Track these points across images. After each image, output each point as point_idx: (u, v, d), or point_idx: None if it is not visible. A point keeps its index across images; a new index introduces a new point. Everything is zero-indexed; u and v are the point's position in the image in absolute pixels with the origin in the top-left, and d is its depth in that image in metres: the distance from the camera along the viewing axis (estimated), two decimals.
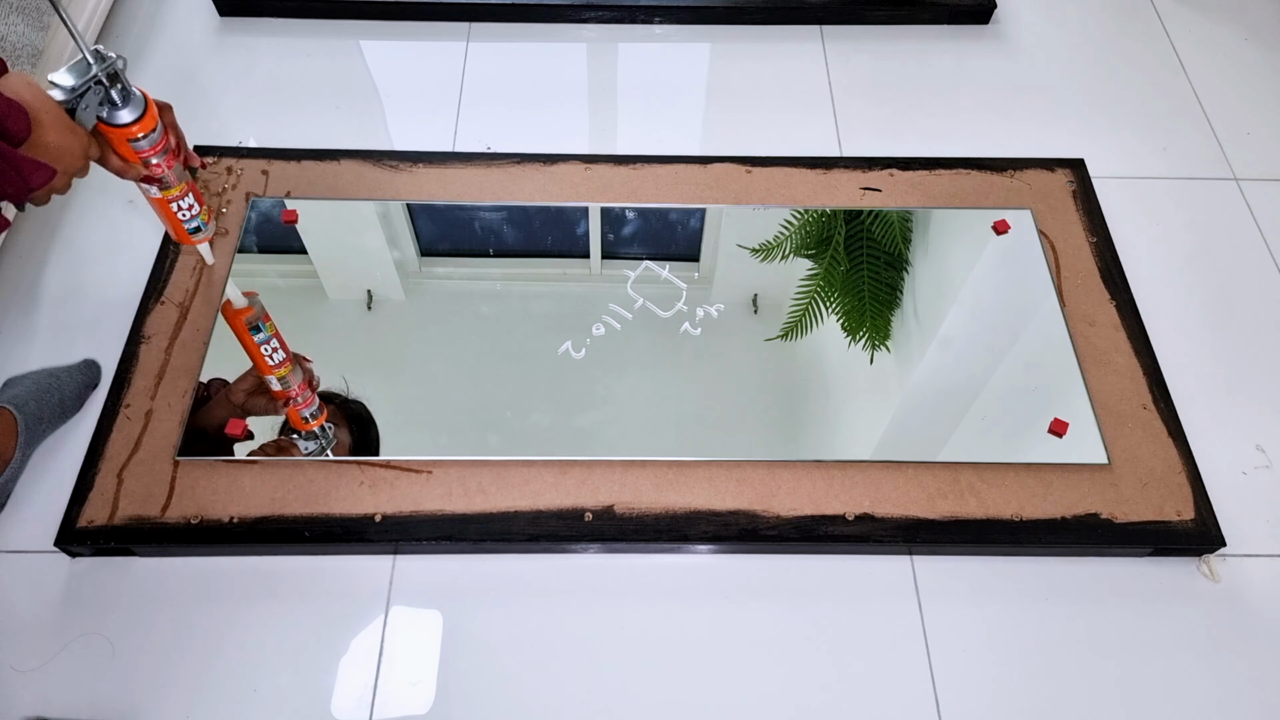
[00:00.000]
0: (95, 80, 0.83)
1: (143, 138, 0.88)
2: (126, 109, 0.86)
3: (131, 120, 0.87)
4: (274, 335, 1.07)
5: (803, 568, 1.08)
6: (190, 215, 1.01)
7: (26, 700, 0.96)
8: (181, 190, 0.98)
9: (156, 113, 0.89)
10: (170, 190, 0.96)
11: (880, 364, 1.21)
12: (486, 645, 1.02)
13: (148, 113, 0.88)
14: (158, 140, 0.90)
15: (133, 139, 0.88)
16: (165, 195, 0.97)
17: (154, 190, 0.96)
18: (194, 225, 1.02)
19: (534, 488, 1.08)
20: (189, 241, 1.04)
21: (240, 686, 0.99)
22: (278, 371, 1.07)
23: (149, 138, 0.89)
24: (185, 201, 0.99)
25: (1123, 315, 1.24)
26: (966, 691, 1.01)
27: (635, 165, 1.37)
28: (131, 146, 0.89)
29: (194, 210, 1.01)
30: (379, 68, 1.55)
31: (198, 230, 1.02)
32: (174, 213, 0.99)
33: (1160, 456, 1.12)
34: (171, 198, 0.97)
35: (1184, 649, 1.04)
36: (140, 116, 0.87)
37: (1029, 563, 1.09)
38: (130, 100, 0.87)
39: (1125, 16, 1.68)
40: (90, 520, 1.04)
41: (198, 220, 1.02)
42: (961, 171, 1.39)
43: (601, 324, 1.22)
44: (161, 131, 0.91)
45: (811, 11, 1.62)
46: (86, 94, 0.83)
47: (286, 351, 1.07)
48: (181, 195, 0.98)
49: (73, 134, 0.82)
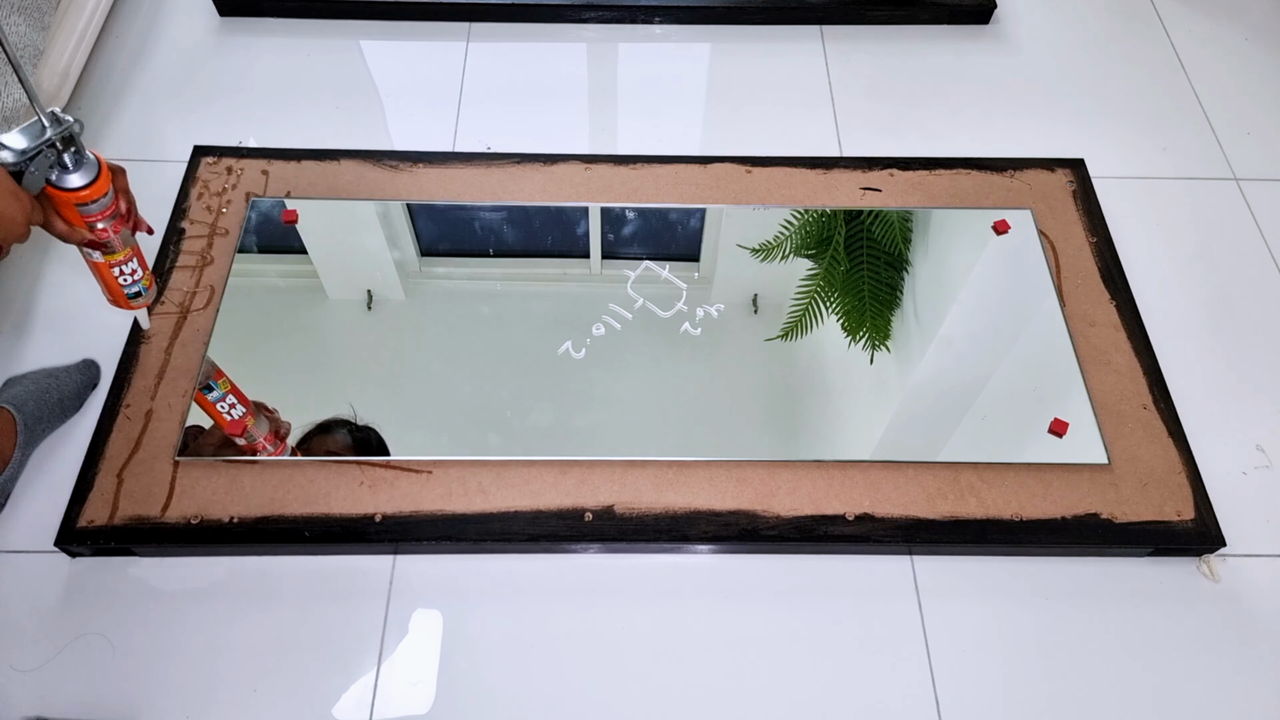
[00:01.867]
0: (48, 144, 0.79)
1: (92, 203, 0.84)
2: (78, 173, 0.82)
3: (82, 185, 0.83)
4: (229, 391, 1.07)
5: (803, 568, 1.08)
6: (132, 280, 0.95)
7: (26, 700, 0.96)
8: (125, 255, 0.92)
9: (110, 176, 0.85)
10: (114, 255, 0.91)
11: (880, 364, 1.21)
12: (486, 645, 1.02)
13: (100, 177, 0.84)
14: (107, 205, 0.86)
15: (81, 204, 0.84)
16: (108, 260, 0.92)
17: (96, 254, 0.91)
18: (134, 290, 0.96)
19: (534, 488, 1.08)
20: (127, 306, 0.98)
21: (240, 686, 0.99)
22: (239, 427, 1.07)
23: (99, 203, 0.85)
24: (128, 266, 0.94)
25: (1123, 315, 1.24)
26: (966, 691, 1.01)
27: (635, 165, 1.37)
28: (79, 211, 0.84)
29: (136, 275, 0.95)
30: (379, 68, 1.55)
31: (137, 295, 0.97)
32: (114, 277, 0.94)
33: (1160, 456, 1.12)
34: (114, 262, 0.92)
35: (1184, 649, 1.04)
36: (92, 181, 0.83)
37: (1029, 563, 1.09)
38: (83, 164, 0.83)
39: (1125, 16, 1.68)
40: (90, 520, 1.04)
41: (139, 285, 0.96)
42: (961, 171, 1.39)
43: (601, 324, 1.22)
44: (112, 196, 0.86)
45: (811, 11, 1.62)
46: (37, 156, 0.79)
47: (246, 405, 1.07)
48: (125, 260, 0.93)
49: (15, 200, 0.78)
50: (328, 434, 1.10)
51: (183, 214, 1.29)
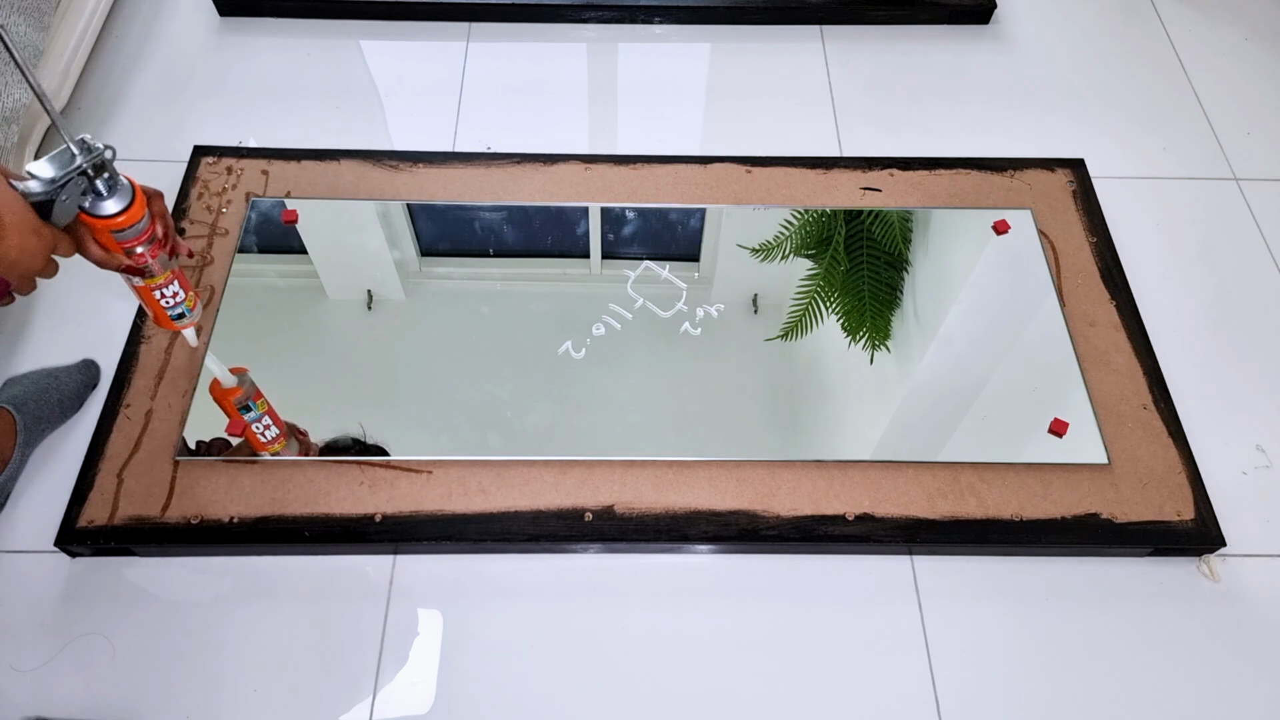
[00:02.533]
0: (79, 171, 0.78)
1: (128, 229, 0.83)
2: (112, 199, 0.81)
3: (116, 211, 0.82)
4: (266, 412, 1.07)
5: (803, 568, 1.08)
6: (175, 302, 0.95)
7: (26, 700, 0.96)
8: (166, 278, 0.92)
9: (145, 201, 0.85)
10: (154, 279, 0.91)
11: (880, 364, 1.21)
12: (486, 645, 1.02)
13: (135, 203, 0.83)
14: (143, 230, 0.85)
15: (117, 230, 0.83)
16: (148, 284, 0.91)
17: (136, 279, 0.91)
18: (178, 312, 0.96)
19: (534, 488, 1.08)
20: (172, 327, 0.99)
21: (240, 686, 0.99)
22: (271, 448, 1.07)
23: (134, 228, 0.84)
24: (170, 289, 0.93)
25: (1123, 315, 1.24)
26: (966, 691, 1.00)
27: (635, 165, 1.37)
28: (115, 237, 0.84)
29: (179, 297, 0.95)
30: (379, 68, 1.55)
31: (181, 316, 0.96)
32: (157, 300, 0.93)
33: (1160, 456, 1.12)
34: (154, 286, 0.92)
35: (1184, 649, 1.04)
36: (126, 207, 0.82)
37: (1029, 563, 1.09)
38: (117, 190, 0.82)
39: (1125, 16, 1.68)
40: (90, 520, 1.04)
41: (182, 307, 0.96)
42: (961, 171, 1.39)
43: (601, 324, 1.22)
44: (148, 221, 0.85)
45: (811, 11, 1.62)
46: (67, 184, 0.78)
47: (280, 426, 1.07)
48: (166, 283, 0.93)
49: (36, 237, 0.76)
50: (336, 453, 1.10)
51: (183, 214, 1.29)
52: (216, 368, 1.06)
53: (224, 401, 1.03)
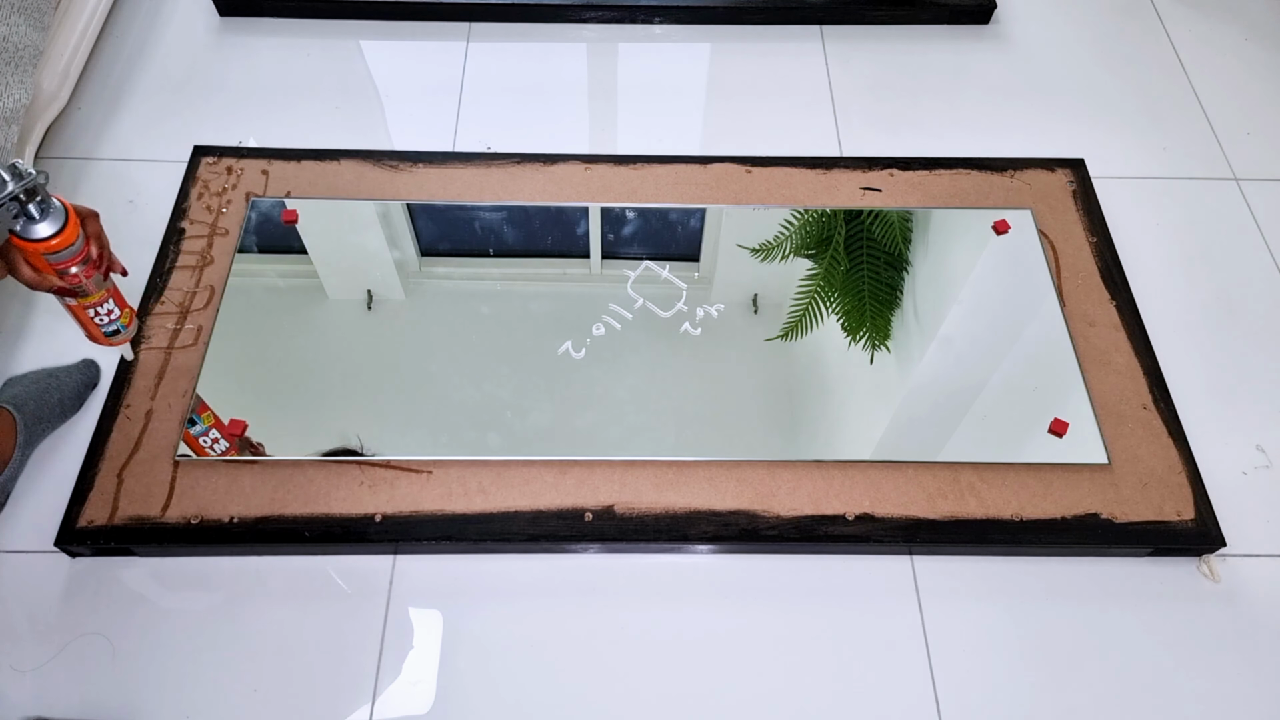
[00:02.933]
0: (11, 197, 0.79)
1: (61, 251, 0.83)
2: (44, 222, 0.81)
3: (49, 235, 0.82)
4: (212, 425, 1.08)
5: (803, 568, 1.08)
6: (109, 320, 0.95)
7: (26, 700, 0.96)
8: (100, 297, 0.92)
9: (79, 223, 0.85)
10: (88, 299, 0.91)
11: (880, 364, 1.21)
12: (486, 645, 1.02)
13: (68, 225, 0.83)
14: (77, 252, 0.85)
15: (50, 253, 0.83)
16: (81, 303, 0.91)
17: (69, 299, 0.91)
18: (113, 329, 0.96)
19: (534, 488, 1.08)
20: (106, 344, 0.99)
21: (240, 686, 0.99)
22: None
23: (68, 250, 0.84)
24: (104, 307, 0.94)
25: (1123, 315, 1.24)
26: (966, 691, 1.00)
27: (635, 165, 1.37)
28: (48, 260, 0.84)
29: (113, 315, 0.95)
30: (379, 68, 1.55)
31: (116, 333, 0.97)
32: (90, 318, 0.94)
33: (1160, 456, 1.12)
34: (88, 304, 0.92)
35: (1184, 649, 1.04)
36: (59, 230, 0.82)
37: (1029, 563, 1.09)
38: (49, 213, 0.82)
39: (1125, 16, 1.68)
40: (90, 520, 1.04)
41: (116, 324, 0.96)
42: (961, 171, 1.39)
43: (601, 324, 1.22)
44: (82, 242, 0.85)
45: (811, 11, 1.62)
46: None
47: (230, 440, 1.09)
48: (100, 302, 0.93)
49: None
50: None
51: (183, 214, 1.29)
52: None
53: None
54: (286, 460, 1.09)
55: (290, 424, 1.11)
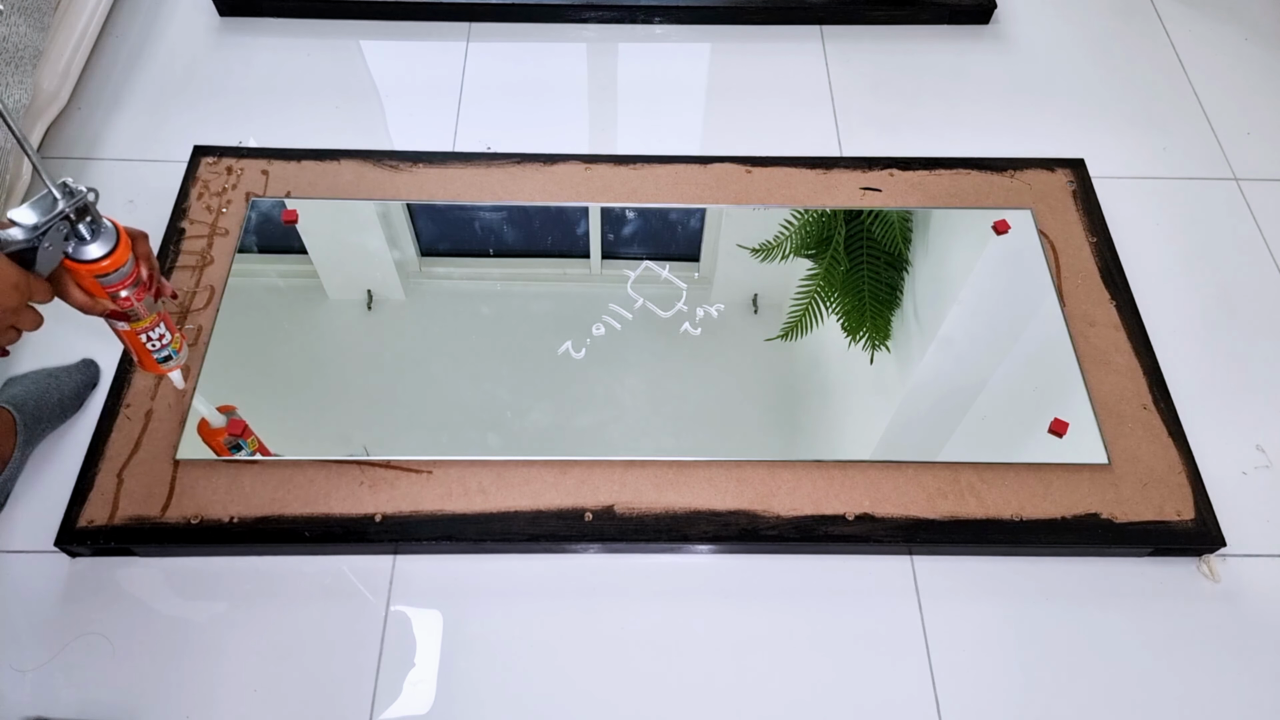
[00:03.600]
0: (61, 216, 0.76)
1: (112, 273, 0.81)
2: (95, 243, 0.79)
3: (100, 255, 0.79)
4: (257, 449, 1.07)
5: (803, 568, 1.08)
6: (160, 345, 0.92)
7: (26, 700, 0.96)
8: (152, 321, 0.90)
9: (129, 244, 0.82)
10: (139, 323, 0.88)
11: (880, 364, 1.21)
12: (486, 645, 1.02)
13: (119, 246, 0.80)
14: (128, 274, 0.82)
15: (101, 275, 0.80)
16: (134, 328, 0.89)
17: (121, 323, 0.88)
18: (164, 355, 0.94)
19: (534, 488, 1.08)
20: (158, 371, 0.96)
21: (240, 686, 0.99)
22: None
23: (119, 272, 0.81)
24: (155, 332, 0.91)
25: (1123, 315, 1.24)
26: (966, 691, 1.00)
27: (635, 165, 1.37)
28: (99, 282, 0.81)
29: (165, 340, 0.92)
30: (379, 68, 1.55)
31: (168, 359, 0.95)
32: (143, 344, 0.91)
33: (1160, 456, 1.12)
34: (140, 329, 0.89)
35: (1184, 649, 1.04)
36: (110, 250, 0.80)
37: (1029, 563, 1.09)
38: (100, 233, 0.79)
39: (1125, 16, 1.68)
40: (90, 520, 1.04)
41: (168, 349, 0.93)
42: (961, 171, 1.39)
43: (601, 324, 1.22)
44: (133, 264, 0.83)
45: (811, 11, 1.62)
46: (49, 231, 0.75)
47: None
48: (151, 326, 0.90)
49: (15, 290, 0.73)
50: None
51: (183, 214, 1.29)
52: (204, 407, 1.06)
53: (213, 443, 1.04)
54: (286, 460, 1.09)
55: (290, 424, 1.12)
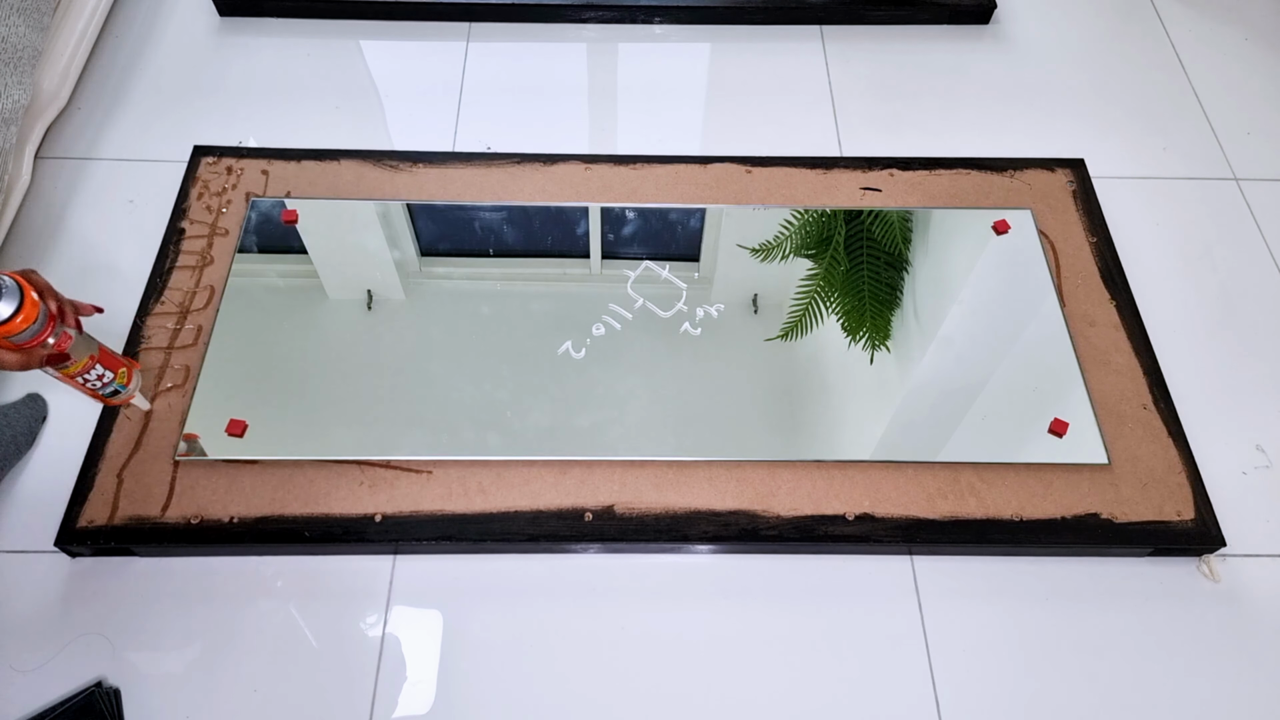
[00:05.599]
0: None
1: (28, 328, 0.76)
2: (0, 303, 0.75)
3: (8, 316, 0.75)
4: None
5: (803, 568, 1.08)
6: (103, 384, 0.89)
7: (26, 700, 0.96)
8: (85, 364, 0.86)
9: (35, 295, 0.77)
10: (70, 368, 0.84)
11: (880, 364, 1.21)
12: (486, 645, 1.02)
13: (24, 301, 0.75)
14: (44, 325, 0.78)
15: (15, 334, 0.76)
16: (65, 373, 0.85)
17: (52, 371, 0.84)
18: (110, 390, 0.91)
19: (534, 488, 1.08)
20: (113, 404, 0.94)
21: (240, 686, 0.99)
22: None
23: (34, 326, 0.77)
24: (93, 373, 0.87)
25: (1123, 315, 1.24)
26: (966, 691, 1.00)
27: (635, 165, 1.37)
28: (15, 342, 0.77)
29: (105, 379, 0.89)
30: (379, 68, 1.55)
31: (116, 394, 0.92)
32: (84, 385, 0.88)
33: (1160, 456, 1.12)
34: (75, 373, 0.85)
35: (1184, 649, 1.04)
36: (18, 306, 0.75)
37: (1029, 563, 1.09)
38: (2, 293, 0.75)
39: (1125, 16, 1.68)
40: (90, 520, 1.04)
41: (113, 385, 0.90)
42: (961, 171, 1.39)
43: (601, 324, 1.22)
44: (45, 314, 0.78)
45: (811, 11, 1.62)
46: None
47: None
48: (86, 369, 0.86)
49: None
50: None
51: (183, 214, 1.29)
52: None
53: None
54: (286, 460, 1.09)
55: (290, 424, 1.12)
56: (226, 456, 1.08)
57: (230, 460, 1.08)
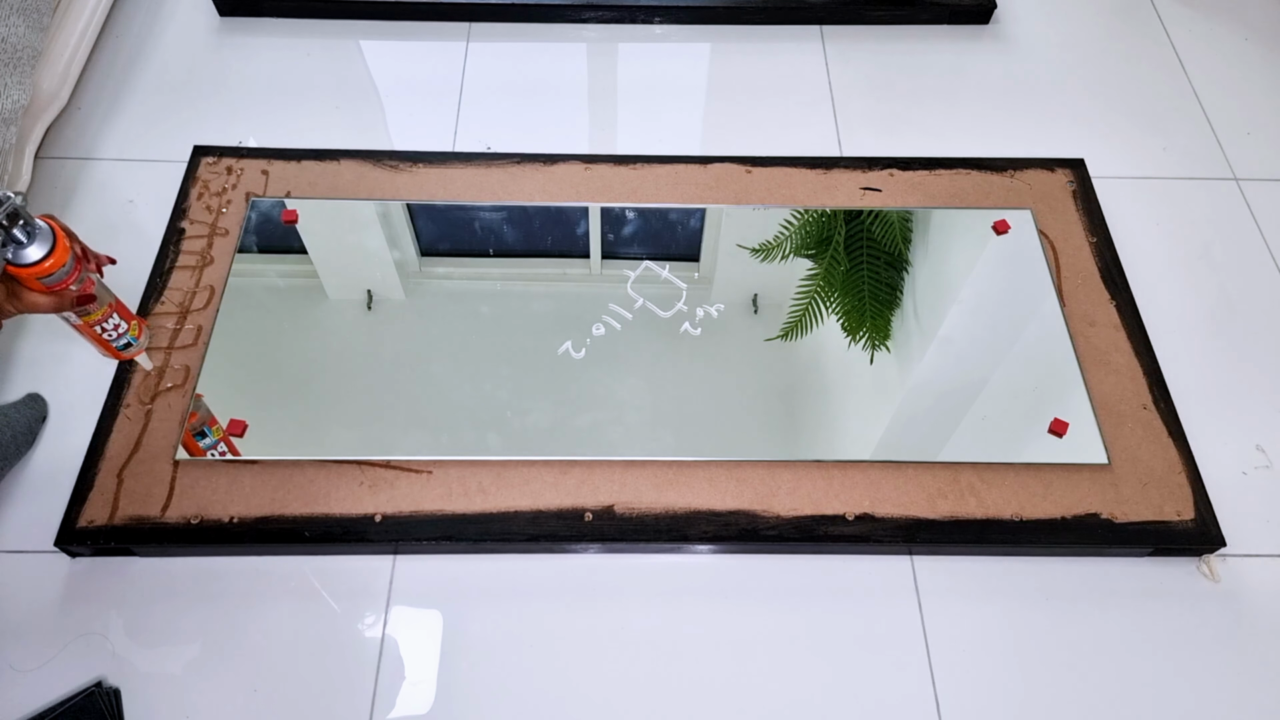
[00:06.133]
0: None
1: (58, 271, 0.79)
2: (33, 245, 0.77)
3: (41, 257, 0.77)
4: (220, 439, 1.07)
5: (803, 568, 1.08)
6: (118, 334, 0.91)
7: (26, 700, 0.96)
8: (104, 312, 0.88)
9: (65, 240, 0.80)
10: (91, 316, 0.87)
11: (880, 364, 1.21)
12: (486, 645, 1.02)
13: (57, 244, 0.78)
14: (73, 268, 0.80)
15: (45, 275, 0.78)
16: (87, 320, 0.87)
17: (73, 318, 0.86)
18: (123, 343, 0.93)
19: (534, 488, 1.08)
20: (123, 358, 0.96)
21: (240, 686, 0.99)
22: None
23: (64, 269, 0.80)
24: (110, 322, 0.90)
25: (1123, 315, 1.24)
26: (966, 691, 1.00)
27: (635, 165, 1.37)
28: (44, 283, 0.79)
29: (121, 329, 0.92)
30: (379, 68, 1.55)
31: (128, 346, 0.94)
32: (99, 335, 0.90)
33: (1160, 456, 1.12)
34: (94, 321, 0.88)
35: (1184, 649, 1.04)
36: (51, 249, 0.78)
37: (1029, 563, 1.09)
38: (36, 235, 0.77)
39: (1125, 16, 1.68)
40: (90, 520, 1.04)
41: (127, 337, 0.93)
42: (961, 171, 1.39)
43: (601, 324, 1.22)
44: (74, 257, 0.81)
45: (811, 11, 1.62)
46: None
47: (228, 442, 1.08)
48: (105, 317, 0.89)
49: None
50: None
51: (183, 214, 1.29)
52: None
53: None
54: (286, 460, 1.09)
55: (290, 424, 1.12)
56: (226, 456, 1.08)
57: (230, 460, 1.08)
